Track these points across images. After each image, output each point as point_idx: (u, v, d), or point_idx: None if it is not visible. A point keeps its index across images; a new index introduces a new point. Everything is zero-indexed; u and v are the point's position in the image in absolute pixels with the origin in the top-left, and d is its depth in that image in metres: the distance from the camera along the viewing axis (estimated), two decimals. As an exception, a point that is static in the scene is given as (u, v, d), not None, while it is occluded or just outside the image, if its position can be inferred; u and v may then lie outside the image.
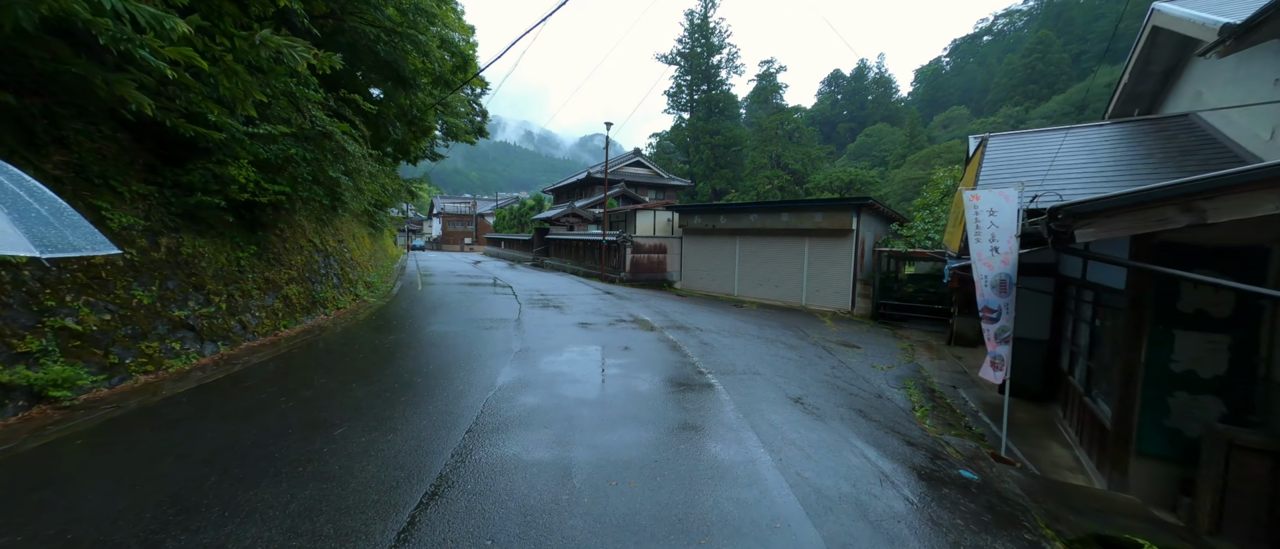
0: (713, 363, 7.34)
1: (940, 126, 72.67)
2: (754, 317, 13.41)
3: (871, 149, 74.24)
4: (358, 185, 9.52)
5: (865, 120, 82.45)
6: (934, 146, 49.95)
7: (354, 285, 12.81)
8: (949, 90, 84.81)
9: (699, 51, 62.28)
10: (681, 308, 13.97)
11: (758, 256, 18.10)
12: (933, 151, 46.87)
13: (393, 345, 7.85)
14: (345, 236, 14.48)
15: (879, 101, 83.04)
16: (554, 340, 8.44)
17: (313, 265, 10.58)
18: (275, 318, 8.57)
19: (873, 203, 14.87)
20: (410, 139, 16.30)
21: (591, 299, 14.77)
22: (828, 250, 16.03)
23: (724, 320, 11.97)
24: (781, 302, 17.14)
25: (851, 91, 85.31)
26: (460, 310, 11.61)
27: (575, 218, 30.22)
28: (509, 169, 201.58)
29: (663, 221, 22.70)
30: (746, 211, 18.14)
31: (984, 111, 72.83)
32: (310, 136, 8.70)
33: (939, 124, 73.61)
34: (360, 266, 14.90)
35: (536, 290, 16.51)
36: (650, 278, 20.67)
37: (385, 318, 10.41)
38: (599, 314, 11.70)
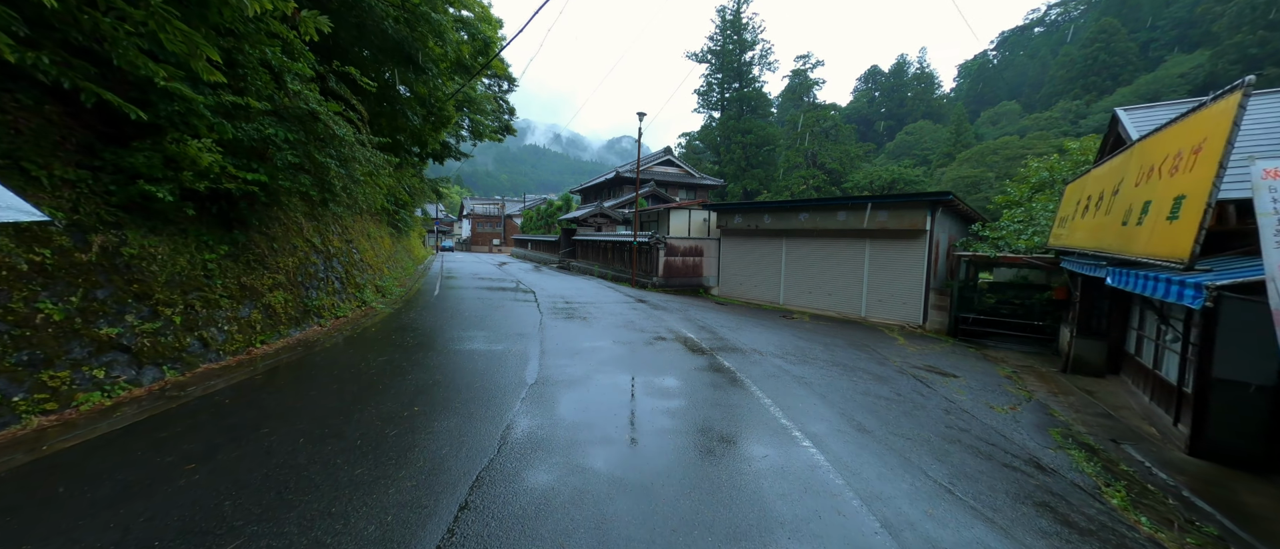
0: (796, 409, 5.43)
1: (988, 123, 68.27)
2: (811, 332, 11.36)
3: (912, 147, 70.31)
4: (352, 174, 8.03)
5: (904, 118, 78.33)
6: (988, 143, 46.20)
7: (361, 290, 11.44)
8: (996, 85, 79.78)
9: (731, 48, 59.98)
10: (725, 320, 12.05)
11: (807, 260, 15.98)
12: (986, 148, 43.27)
13: (382, 372, 6.26)
14: (356, 236, 13.18)
15: (920, 98, 78.71)
16: (578, 368, 6.70)
17: (307, 268, 9.19)
18: (250, 332, 7.12)
19: (952, 199, 12.60)
20: (428, 130, 14.97)
21: (622, 309, 13.02)
22: (894, 254, 13.80)
23: (780, 338, 9.99)
24: (836, 312, 14.98)
25: (890, 88, 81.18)
26: (473, 322, 10.03)
27: (603, 218, 28.61)
28: (537, 171, 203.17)
29: (698, 222, 20.79)
30: (795, 210, 16.06)
31: (1036, 106, 68.00)
32: (295, 116, 7.25)
33: (986, 120, 69.17)
34: (372, 269, 13.59)
35: (561, 297, 14.88)
36: (685, 283, 18.79)
37: (387, 331, 8.90)
38: (632, 328, 9.92)
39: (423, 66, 11.80)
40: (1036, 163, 13.54)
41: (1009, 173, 41.56)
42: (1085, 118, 55.02)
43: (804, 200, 15.91)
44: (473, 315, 10.82)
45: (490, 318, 10.52)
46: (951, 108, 79.67)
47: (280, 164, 6.84)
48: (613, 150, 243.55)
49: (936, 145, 67.13)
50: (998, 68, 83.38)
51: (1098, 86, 61.13)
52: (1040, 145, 39.22)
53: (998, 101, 74.94)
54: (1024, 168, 14.48)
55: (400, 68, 11.68)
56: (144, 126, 5.91)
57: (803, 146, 51.94)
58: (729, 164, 56.63)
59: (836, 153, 52.03)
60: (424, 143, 15.59)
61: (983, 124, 68.32)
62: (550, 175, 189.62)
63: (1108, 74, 60.51)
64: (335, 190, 7.65)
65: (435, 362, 6.72)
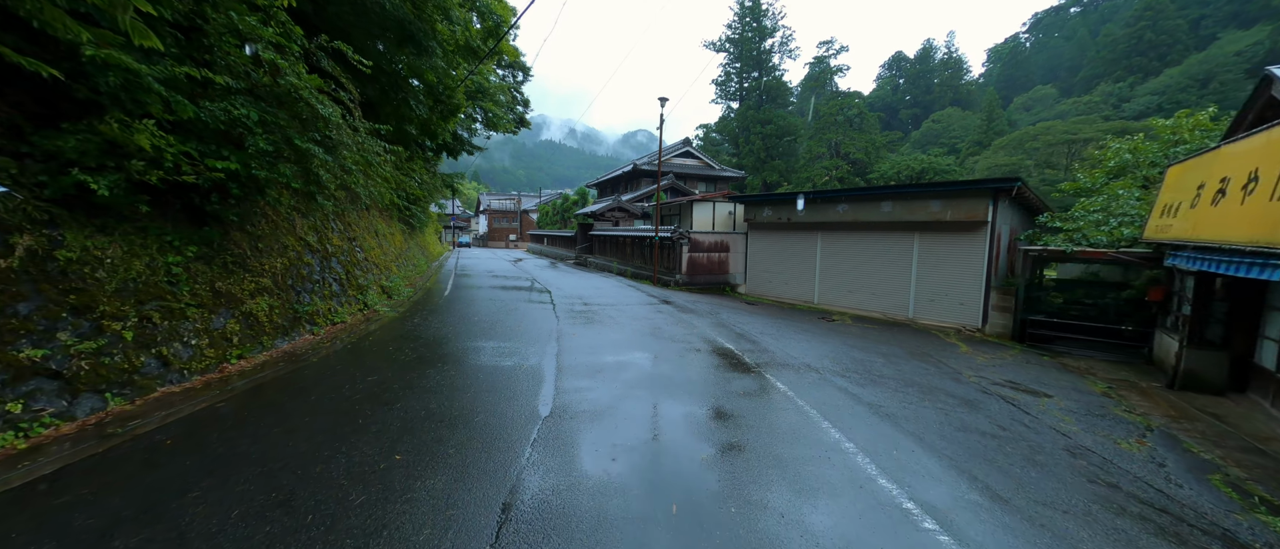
0: (892, 460, 4.19)
1: (1022, 109, 65.01)
2: (861, 338, 10.02)
3: (939, 136, 67.38)
4: (342, 162, 6.98)
5: (931, 106, 75.18)
6: (1027, 128, 43.49)
7: (364, 293, 10.49)
8: (1030, 69, 75.95)
9: (749, 36, 57.91)
10: (762, 325, 10.78)
11: (846, 256, 14.56)
12: (1024, 134, 40.67)
13: (369, 397, 5.20)
14: (361, 233, 12.25)
15: (947, 84, 75.37)
16: (602, 392, 5.53)
17: (299, 270, 8.22)
18: (225, 346, 6.15)
19: (1019, 187, 11.04)
20: (437, 120, 13.95)
21: (645, 312, 11.84)
22: (949, 249, 12.31)
23: (829, 348, 8.69)
24: (879, 313, 13.56)
25: (915, 75, 77.95)
26: (483, 329, 8.97)
27: (621, 212, 27.44)
28: (553, 166, 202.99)
29: (723, 215, 19.45)
30: (833, 200, 14.62)
31: (1074, 91, 64.44)
32: (274, 96, 6.21)
33: (1020, 106, 65.87)
34: (379, 269, 12.67)
35: (578, 298, 13.77)
36: (709, 280, 17.52)
37: (385, 341, 7.89)
38: (659, 337, 8.74)
39: (427, 47, 10.73)
40: (1117, 144, 11.85)
41: (1050, 160, 38.98)
42: (1129, 101, 51.72)
43: (843, 190, 14.47)
44: (483, 320, 9.77)
45: (502, 323, 9.45)
46: (981, 94, 76.24)
47: (252, 150, 5.81)
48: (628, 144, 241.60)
49: (965, 133, 64.21)
50: (1030, 51, 79.38)
51: (1142, 68, 57.47)
52: (1086, 129, 36.65)
53: (1031, 86, 71.33)
54: (1099, 149, 12.78)
55: (403, 50, 10.62)
56: (86, 106, 4.92)
57: (826, 136, 49.83)
58: (748, 156, 54.84)
59: (862, 142, 49.82)
60: (434, 134, 14.59)
61: (1015, 110, 65.05)
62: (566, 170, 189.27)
63: (1154, 54, 56.79)
64: (321, 181, 6.60)
65: (433, 382, 5.64)
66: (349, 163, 7.12)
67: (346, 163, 7.07)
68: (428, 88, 12.81)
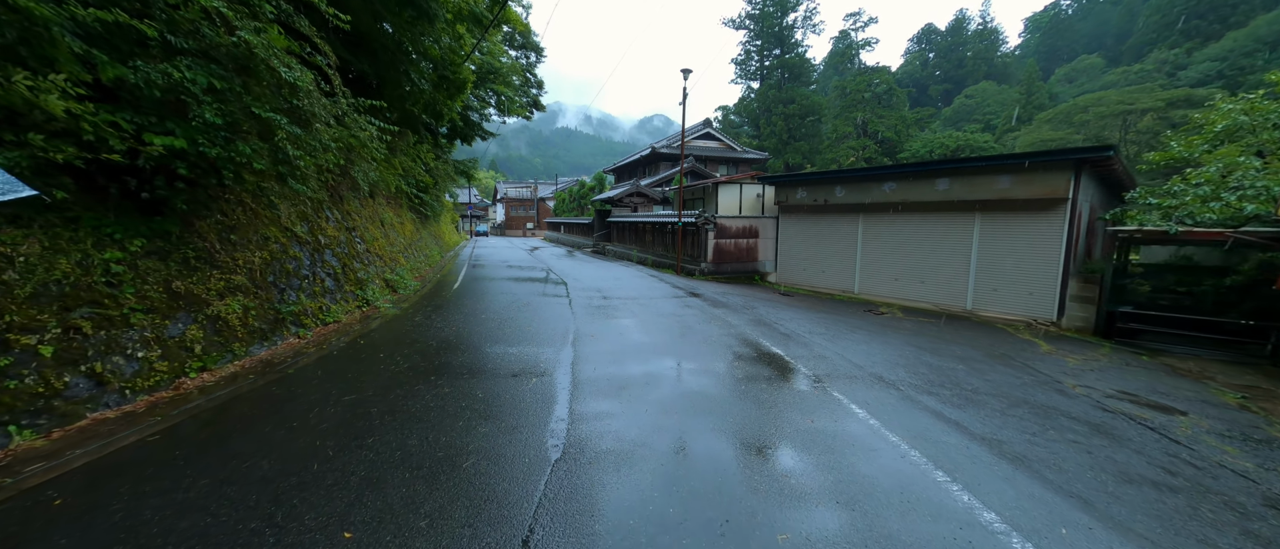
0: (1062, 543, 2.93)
1: (1063, 81, 60.93)
2: (922, 335, 8.63)
3: (973, 112, 63.77)
4: (318, 139, 5.89)
5: (963, 80, 71.17)
6: (1076, 100, 40.31)
7: (363, 287, 9.53)
8: (1072, 39, 71.09)
9: (771, 11, 55.14)
10: (806, 320, 9.47)
11: (893, 240, 13.04)
12: (1073, 106, 37.65)
13: (337, 428, 4.14)
14: (363, 222, 11.29)
15: (981, 57, 71.12)
16: (629, 420, 4.34)
17: (284, 265, 7.24)
18: (183, 357, 5.18)
19: (1110, 157, 9.33)
20: (442, 98, 12.83)
21: (671, 305, 10.64)
22: (1018, 230, 10.73)
23: (892, 350, 7.36)
24: (931, 304, 12.07)
25: (947, 48, 73.76)
26: (490, 331, 7.89)
27: (640, 197, 26.13)
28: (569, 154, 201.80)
29: (750, 198, 18.00)
30: (878, 179, 13.06)
31: (1123, 59, 59.95)
32: (232, 58, 5.12)
33: (1062, 78, 61.75)
34: (384, 260, 11.73)
35: (597, 290, 12.62)
36: (737, 269, 16.18)
37: (378, 345, 6.87)
38: (691, 338, 7.53)
39: (427, 9, 9.56)
40: (1228, 104, 9.99)
41: (1101, 135, 35.94)
42: (1185, 69, 47.62)
43: (890, 167, 12.89)
44: (491, 318, 8.70)
45: (512, 322, 8.36)
46: (1018, 66, 71.87)
47: (198, 123, 4.73)
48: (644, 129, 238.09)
49: (1002, 108, 60.58)
50: (1073, 18, 74.17)
51: (1202, 32, 52.90)
52: (1144, 99, 33.60)
53: (1073, 56, 66.76)
54: (1202, 114, 10.91)
55: (403, 14, 9.47)
56: None
57: (853, 114, 47.24)
58: (770, 137, 52.62)
59: (891, 120, 47.11)
60: (439, 113, 13.50)
61: (1057, 82, 60.99)
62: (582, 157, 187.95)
63: (1215, 16, 52.11)
64: (292, 160, 5.51)
65: (421, 404, 4.56)
66: (326, 139, 6.02)
67: (323, 139, 5.97)
68: (431, 62, 11.67)
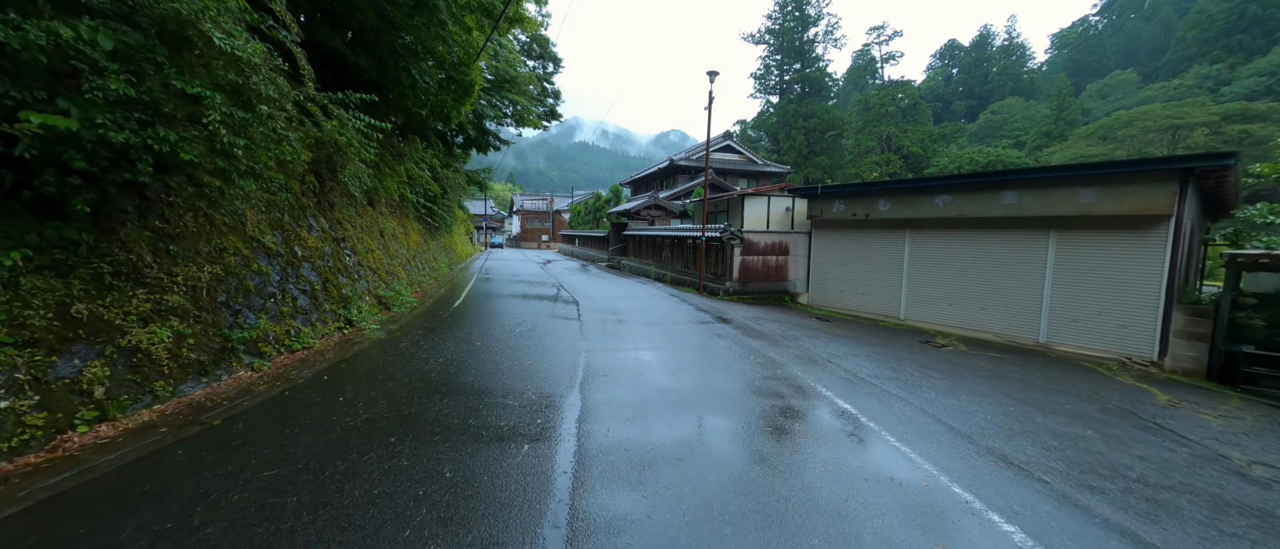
0: None
1: (1096, 97, 58.53)
2: (1006, 379, 7.05)
3: (1000, 128, 61.61)
4: (269, 126, 4.68)
5: (988, 97, 69.09)
6: (1118, 115, 38.11)
7: (348, 305, 8.32)
8: (1103, 55, 68.65)
9: (791, 26, 54.18)
10: (861, 356, 7.95)
11: (947, 260, 11.46)
12: (1114, 122, 35.51)
13: (227, 533, 2.81)
14: (355, 232, 10.17)
15: (1007, 73, 69.04)
16: (661, 537, 2.90)
17: (243, 281, 6.04)
18: (72, 404, 3.93)
19: (1229, 166, 7.71)
20: (449, 100, 11.75)
21: (698, 333, 9.21)
22: (1103, 251, 9.10)
23: (987, 402, 5.81)
24: (994, 334, 10.42)
25: (970, 64, 71.83)
26: (482, 364, 6.56)
27: (658, 210, 24.86)
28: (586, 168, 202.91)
29: (779, 212, 16.56)
30: (929, 191, 11.53)
31: (1160, 74, 57.40)
32: (154, 20, 3.97)
33: (1094, 94, 59.35)
34: (378, 275, 10.57)
35: (611, 311, 11.26)
36: (765, 288, 14.68)
37: (342, 383, 5.57)
38: (731, 381, 6.09)
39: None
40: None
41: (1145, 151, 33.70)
42: (1229, 84, 45.06)
43: (946, 177, 11.37)
44: (488, 347, 7.38)
45: (510, 354, 7.02)
46: (1045, 82, 69.61)
47: (96, 98, 3.54)
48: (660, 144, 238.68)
49: (1030, 124, 58.38)
50: (1103, 34, 71.74)
51: (1245, 47, 50.34)
52: (1195, 113, 31.38)
53: (1104, 72, 64.30)
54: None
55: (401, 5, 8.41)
56: None
57: (877, 128, 45.59)
58: (789, 152, 51.22)
59: (917, 135, 45.34)
60: (446, 116, 12.42)
61: (1088, 98, 58.60)
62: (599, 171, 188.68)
63: (1259, 30, 49.59)
64: (228, 149, 4.30)
65: (358, 493, 3.18)
66: (281, 127, 4.81)
67: (277, 127, 4.76)
68: (436, 60, 10.60)
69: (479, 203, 56.90)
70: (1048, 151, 44.34)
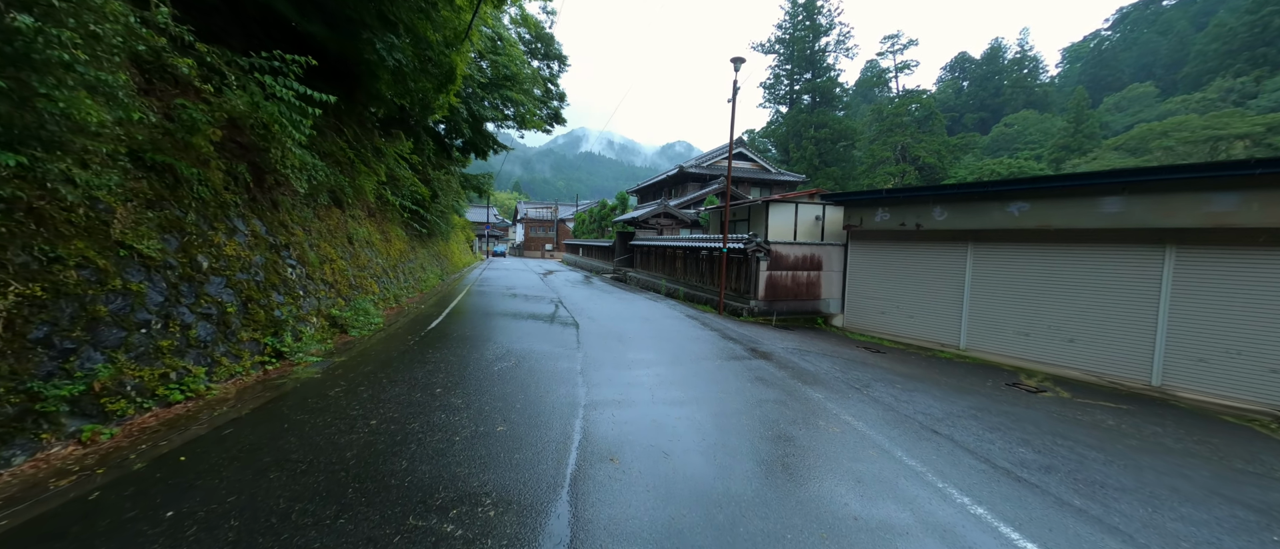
0: None
1: (1114, 110, 56.53)
2: (1174, 453, 4.97)
3: (1013, 141, 59.63)
4: (87, 75, 2.75)
5: (1000, 110, 67.24)
6: (1151, 125, 36.03)
7: (279, 331, 6.37)
8: (1117, 68, 66.77)
9: (802, 35, 52.66)
10: (960, 414, 5.90)
11: (1021, 281, 9.42)
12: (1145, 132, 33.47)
13: None
14: (312, 237, 8.26)
15: (1019, 86, 67.25)
16: None
17: (86, 306, 4.09)
18: None
19: None
20: (427, 86, 9.90)
21: (731, 373, 7.19)
22: (1246, 273, 7.04)
23: (1199, 509, 3.75)
24: (1086, 371, 8.35)
25: (982, 77, 70.11)
26: (436, 427, 4.58)
27: (667, 218, 22.92)
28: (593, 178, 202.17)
29: (807, 221, 14.58)
30: (1000, 197, 9.54)
31: (1177, 88, 55.43)
32: None
33: (1111, 107, 57.36)
34: (336, 289, 8.65)
35: (618, 339, 9.26)
36: (795, 308, 12.65)
37: (196, 473, 3.61)
38: (808, 473, 4.07)
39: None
40: None
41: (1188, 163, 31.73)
42: (1255, 97, 42.96)
43: (1024, 180, 9.35)
44: (449, 397, 5.39)
45: (476, 410, 5.01)
46: (1058, 96, 67.71)
47: None
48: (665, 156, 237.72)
49: (1045, 137, 56.41)
50: (1116, 48, 69.90)
51: (1270, 59, 48.24)
52: (1236, 123, 29.32)
53: (1118, 86, 62.42)
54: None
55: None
56: None
57: (892, 138, 43.69)
58: (799, 162, 49.37)
59: (933, 145, 43.41)
60: (427, 105, 10.57)
61: (1105, 111, 56.62)
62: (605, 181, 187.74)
63: (1286, 43, 47.47)
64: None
65: None
66: (92, 77, 2.88)
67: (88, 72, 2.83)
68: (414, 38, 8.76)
69: (481, 210, 55.25)
70: (1067, 166, 42.31)
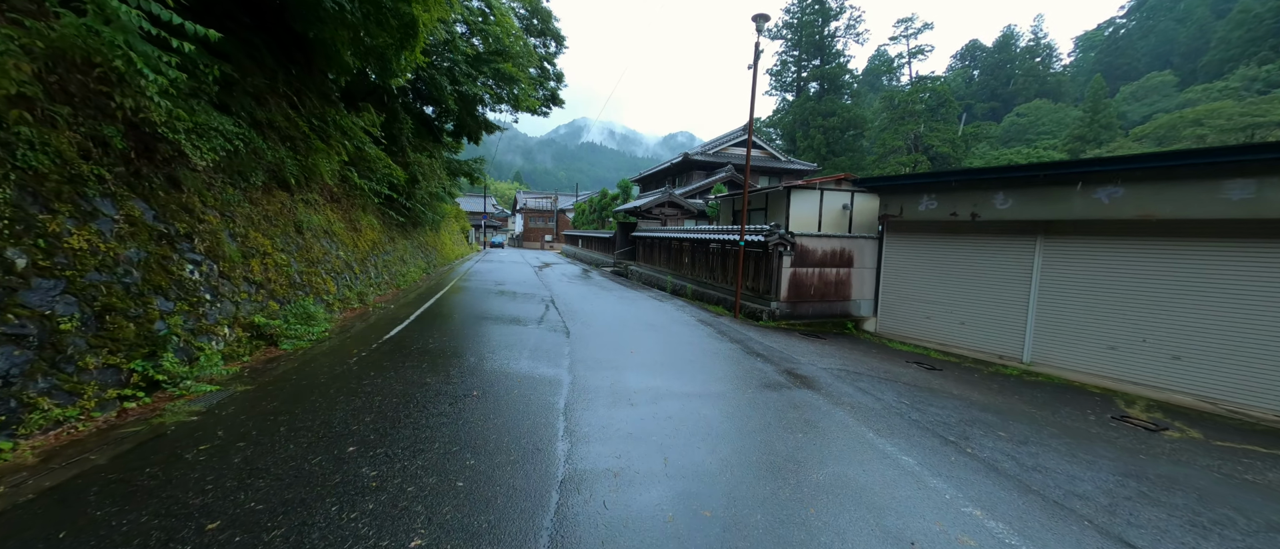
0: None
1: (1131, 99, 54.30)
2: None
3: (1026, 131, 57.44)
4: None
5: (1011, 99, 64.89)
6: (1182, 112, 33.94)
7: (156, 352, 4.62)
8: (1133, 57, 64.27)
9: (811, 19, 50.25)
10: (1055, 458, 4.18)
11: (1108, 283, 7.63)
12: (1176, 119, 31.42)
13: None
14: (238, 223, 6.50)
15: (1032, 75, 64.81)
16: None
17: None
18: None
19: None
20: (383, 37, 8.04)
21: (775, 420, 5.46)
22: None
23: None
24: (1200, 397, 6.61)
25: (993, 65, 67.61)
26: (346, 499, 2.83)
27: (672, 208, 21.11)
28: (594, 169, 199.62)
29: (833, 210, 12.77)
30: (1088, 179, 7.70)
31: (1197, 77, 53.18)
32: None
33: (1128, 96, 55.11)
34: (267, 288, 6.90)
35: (616, 350, 7.52)
36: (821, 310, 10.89)
37: None
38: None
39: None
40: None
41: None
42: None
43: (1117, 159, 7.52)
44: (371, 449, 3.67)
45: (389, 494, 3.29)
46: (1072, 85, 65.28)
47: None
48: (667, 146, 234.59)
49: (1059, 127, 54.28)
50: (1131, 37, 67.28)
51: (1297, 46, 45.88)
52: (1276, 110, 27.30)
53: (1134, 75, 60.05)
54: None
55: None
56: None
57: (904, 127, 41.60)
58: (807, 151, 47.33)
59: (948, 134, 41.33)
60: (387, 65, 8.72)
61: (1122, 100, 54.38)
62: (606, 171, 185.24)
63: (1317, 29, 45.14)
64: None
65: None
66: None
67: None
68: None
69: (478, 199, 53.34)
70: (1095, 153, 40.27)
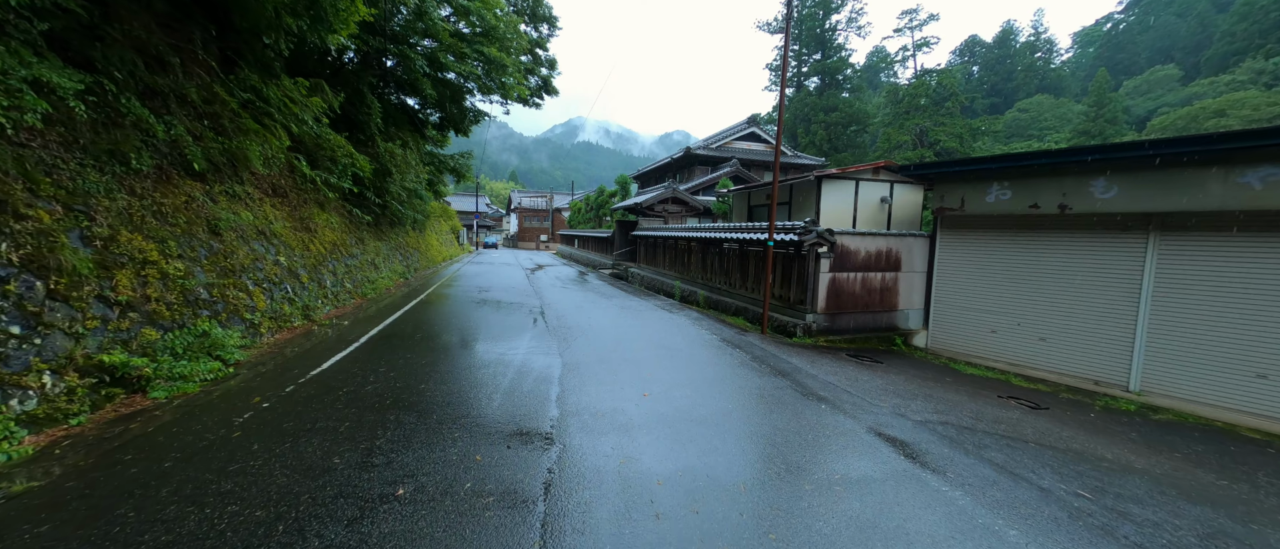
0: None
1: (1135, 94, 52.97)
2: None
3: (1028, 126, 56.02)
4: None
5: (1012, 95, 63.46)
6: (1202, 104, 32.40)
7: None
8: (1133, 52, 62.99)
9: (811, 10, 48.47)
10: None
11: (1253, 291, 5.83)
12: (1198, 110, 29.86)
13: None
14: (94, 221, 4.55)
15: (1032, 70, 63.41)
16: None
17: None
18: None
19: None
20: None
21: (879, 525, 3.56)
22: None
23: None
24: None
25: (993, 61, 66.16)
26: None
27: (676, 204, 19.24)
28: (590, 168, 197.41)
29: (871, 204, 10.94)
30: (1223, 160, 5.89)
31: (1202, 71, 51.94)
32: None
33: (1130, 91, 53.78)
34: (145, 309, 4.97)
35: (620, 387, 5.64)
36: (865, 322, 9.06)
37: None
38: None
39: None
40: None
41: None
42: (1292, 79, 39.47)
43: (1269, 130, 5.64)
44: None
45: None
46: (1073, 81, 63.91)
47: None
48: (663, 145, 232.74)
49: (1062, 122, 52.94)
50: (1131, 31, 66.01)
51: (1306, 39, 44.59)
52: (1309, 101, 25.76)
53: (1136, 70, 58.82)
54: None
55: None
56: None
57: (910, 121, 39.95)
58: (809, 147, 45.64)
59: (955, 127, 39.68)
60: (319, 16, 6.80)
61: (1125, 95, 53.03)
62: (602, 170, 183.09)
63: (1324, 20, 43.88)
64: None
65: None
66: None
67: None
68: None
69: (470, 198, 51.26)
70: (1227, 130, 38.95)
